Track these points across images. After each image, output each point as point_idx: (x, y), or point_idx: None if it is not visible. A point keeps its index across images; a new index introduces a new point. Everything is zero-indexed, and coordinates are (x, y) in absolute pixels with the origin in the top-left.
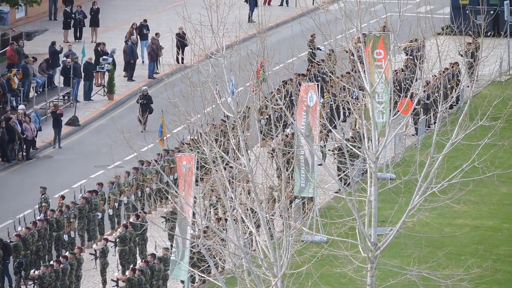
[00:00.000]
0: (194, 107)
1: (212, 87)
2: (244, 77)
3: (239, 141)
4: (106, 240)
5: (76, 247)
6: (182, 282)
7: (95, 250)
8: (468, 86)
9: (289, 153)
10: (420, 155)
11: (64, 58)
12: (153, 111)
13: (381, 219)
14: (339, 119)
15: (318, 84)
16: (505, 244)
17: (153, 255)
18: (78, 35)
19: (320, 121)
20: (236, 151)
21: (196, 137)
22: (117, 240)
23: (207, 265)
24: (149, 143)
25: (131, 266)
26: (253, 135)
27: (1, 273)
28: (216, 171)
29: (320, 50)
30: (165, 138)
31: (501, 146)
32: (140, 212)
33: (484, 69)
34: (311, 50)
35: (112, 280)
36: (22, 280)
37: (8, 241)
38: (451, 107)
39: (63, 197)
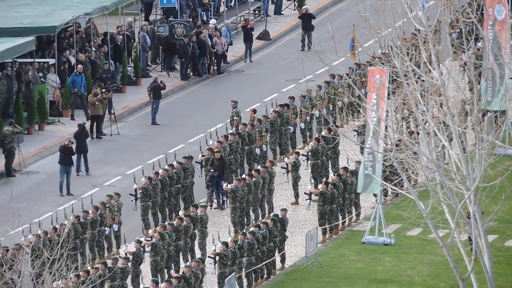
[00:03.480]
0: (385, 21)
1: (403, 0)
2: None
3: (430, 55)
4: (298, 153)
5: (268, 160)
6: (375, 195)
7: (287, 164)
8: None
9: (480, 66)
10: None
11: None
12: (314, 29)
13: None
14: None
15: None
16: None
17: (345, 168)
18: None
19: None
20: (428, 65)
21: (387, 51)
22: (309, 153)
23: (399, 179)
24: (340, 57)
25: (324, 179)
26: (444, 48)
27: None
28: (408, 84)
29: None
30: (356, 52)
31: None
32: (332, 126)
33: None
34: None
35: (304, 193)
36: (214, 194)
37: (201, 155)
38: None
39: (254, 111)
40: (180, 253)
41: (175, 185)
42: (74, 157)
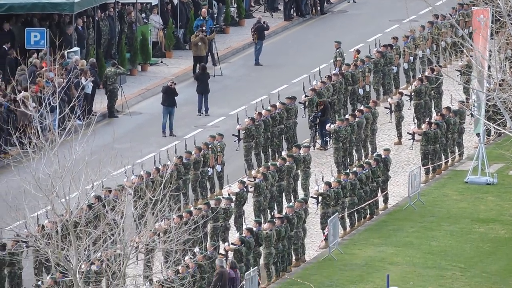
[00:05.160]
0: None
1: None
2: None
3: None
4: (401, 93)
5: (371, 101)
6: (478, 135)
7: (390, 104)
8: None
9: None
10: None
11: None
12: None
13: None
14: None
15: None
16: None
17: (448, 108)
18: None
19: None
20: None
21: None
22: (412, 93)
23: (502, 118)
24: None
25: (427, 119)
26: None
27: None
28: (511, 24)
29: None
30: None
31: None
32: (435, 66)
33: None
34: None
35: (407, 133)
36: (317, 134)
37: (304, 95)
38: None
39: (358, 51)
40: (283, 194)
41: (278, 126)
42: (178, 98)
